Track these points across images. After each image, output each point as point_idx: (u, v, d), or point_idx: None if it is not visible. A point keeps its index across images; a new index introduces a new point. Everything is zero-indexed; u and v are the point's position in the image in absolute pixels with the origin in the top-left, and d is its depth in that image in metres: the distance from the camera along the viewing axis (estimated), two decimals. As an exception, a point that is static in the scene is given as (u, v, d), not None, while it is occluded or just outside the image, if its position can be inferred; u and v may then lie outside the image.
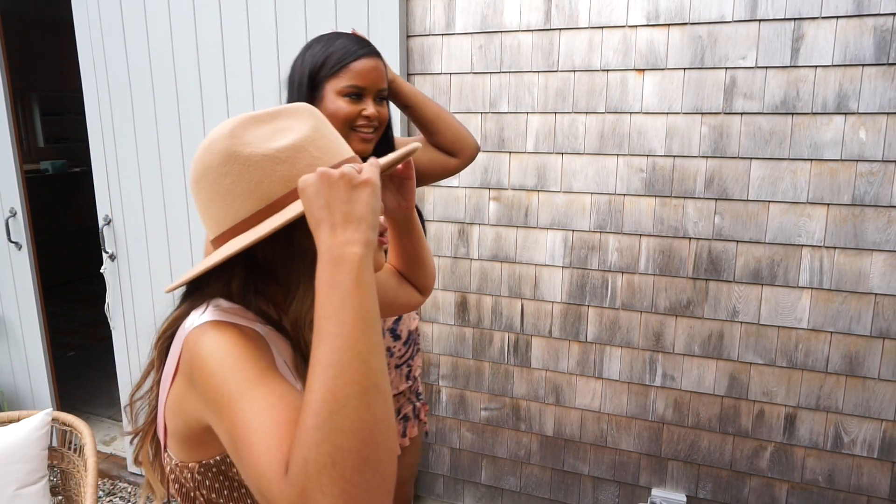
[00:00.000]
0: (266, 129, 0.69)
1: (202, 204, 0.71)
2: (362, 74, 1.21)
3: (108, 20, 2.36)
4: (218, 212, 0.69)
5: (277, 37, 2.13)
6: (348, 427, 0.51)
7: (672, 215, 1.92)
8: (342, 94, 1.22)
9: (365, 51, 1.23)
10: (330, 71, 1.22)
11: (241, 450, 0.57)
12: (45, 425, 1.72)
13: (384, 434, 0.53)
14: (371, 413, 0.52)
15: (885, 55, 1.66)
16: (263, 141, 0.68)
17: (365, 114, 1.23)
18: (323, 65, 1.22)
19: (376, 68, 1.23)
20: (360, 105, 1.22)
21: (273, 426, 0.56)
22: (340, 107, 1.22)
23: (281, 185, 0.67)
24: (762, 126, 1.79)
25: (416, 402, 1.48)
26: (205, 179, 0.69)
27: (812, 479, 1.91)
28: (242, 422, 0.58)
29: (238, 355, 0.62)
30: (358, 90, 1.22)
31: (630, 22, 1.86)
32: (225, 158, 0.67)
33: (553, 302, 2.10)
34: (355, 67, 1.21)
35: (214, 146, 0.68)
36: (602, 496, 2.17)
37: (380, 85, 1.24)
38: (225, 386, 0.60)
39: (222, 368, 0.61)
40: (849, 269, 1.78)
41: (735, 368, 1.93)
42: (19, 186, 2.69)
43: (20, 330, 2.87)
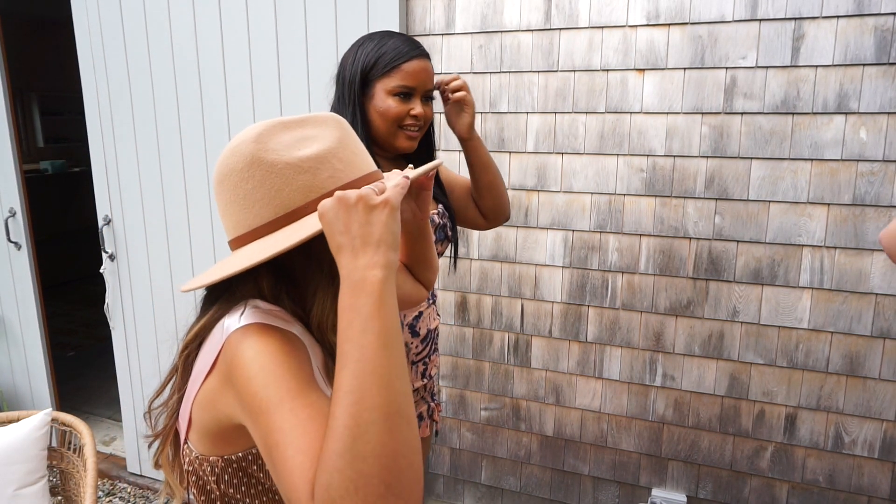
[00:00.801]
0: (292, 136, 0.69)
1: (223, 205, 0.72)
2: (413, 75, 1.25)
3: (108, 20, 2.36)
4: (237, 214, 0.70)
5: (277, 37, 2.13)
6: (370, 453, 0.51)
7: (672, 215, 1.92)
8: (392, 94, 1.25)
9: (416, 52, 1.27)
10: (382, 70, 1.25)
11: (275, 459, 0.58)
12: (45, 425, 1.72)
13: (408, 459, 0.53)
14: (394, 438, 0.52)
15: (886, 55, 1.66)
16: (288, 149, 0.68)
17: (413, 113, 1.26)
18: (375, 64, 1.25)
19: (426, 69, 1.27)
20: (408, 105, 1.26)
21: (308, 441, 0.56)
22: (391, 106, 1.25)
23: (301, 194, 0.68)
24: (762, 126, 1.79)
25: (430, 402, 1.49)
26: (227, 181, 0.70)
27: (812, 479, 1.91)
28: (279, 432, 0.58)
29: (280, 363, 0.63)
30: (408, 90, 1.25)
31: (630, 22, 1.86)
32: (248, 163, 0.68)
33: (553, 302, 2.10)
34: (406, 68, 1.24)
35: (240, 150, 0.69)
36: (602, 496, 2.17)
37: (428, 85, 1.29)
38: (264, 392, 0.61)
39: (263, 374, 0.62)
40: (849, 269, 1.77)
41: (735, 368, 1.93)
42: (19, 186, 2.69)
43: (20, 330, 2.86)
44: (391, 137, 1.28)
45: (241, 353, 0.64)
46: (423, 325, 1.35)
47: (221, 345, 0.67)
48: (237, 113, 2.24)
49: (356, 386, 0.53)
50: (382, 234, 0.59)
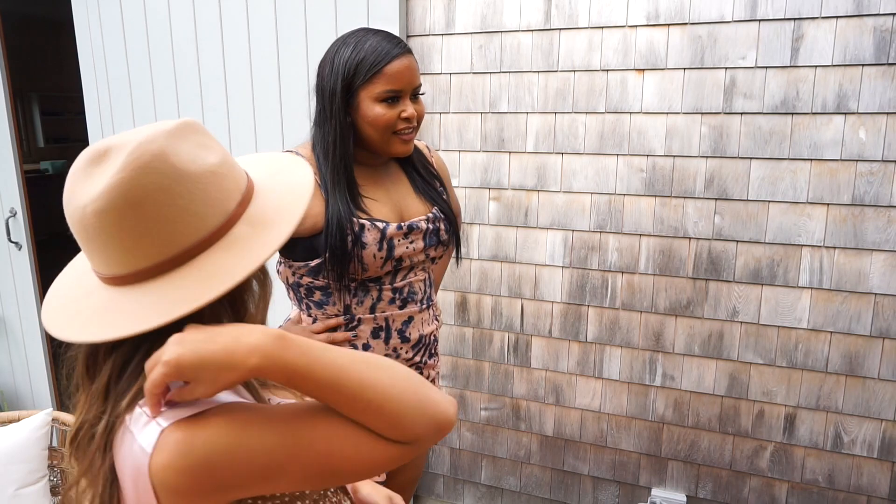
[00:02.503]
0: (188, 145, 0.63)
1: (138, 233, 0.61)
2: (397, 77, 1.18)
3: (108, 20, 2.36)
4: (166, 233, 0.61)
5: (277, 37, 2.13)
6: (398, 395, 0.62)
7: (672, 215, 1.92)
8: (379, 100, 1.19)
9: (396, 51, 1.19)
10: (364, 77, 1.18)
11: (342, 467, 0.62)
12: (46, 425, 1.72)
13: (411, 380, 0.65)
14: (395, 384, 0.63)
15: (885, 55, 1.66)
16: (194, 159, 0.62)
17: (404, 115, 1.20)
18: (356, 71, 1.18)
19: (409, 67, 1.20)
20: (398, 107, 1.20)
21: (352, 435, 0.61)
22: (379, 113, 1.19)
23: (232, 194, 0.64)
24: (762, 126, 1.79)
25: None
26: (151, 202, 0.60)
27: (812, 479, 1.91)
28: (324, 454, 0.61)
29: (247, 435, 0.58)
30: (395, 93, 1.19)
31: (630, 22, 1.86)
32: (174, 180, 0.60)
33: (553, 302, 2.10)
34: (389, 71, 1.17)
35: (155, 168, 0.60)
36: (602, 496, 2.17)
37: (415, 83, 1.22)
38: (270, 457, 0.58)
39: (248, 453, 0.58)
40: (849, 268, 1.78)
41: (735, 368, 1.93)
42: (19, 186, 2.69)
43: (20, 330, 2.87)
44: (386, 145, 1.23)
45: (200, 461, 0.56)
46: (415, 330, 1.31)
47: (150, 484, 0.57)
48: (237, 113, 2.24)
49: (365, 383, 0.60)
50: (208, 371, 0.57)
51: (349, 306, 1.26)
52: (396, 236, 1.24)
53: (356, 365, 0.62)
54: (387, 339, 1.28)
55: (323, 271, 1.23)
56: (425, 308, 1.34)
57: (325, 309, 1.27)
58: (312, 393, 0.60)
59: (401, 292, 1.29)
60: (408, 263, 1.28)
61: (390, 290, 1.28)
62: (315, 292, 1.27)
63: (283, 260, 1.30)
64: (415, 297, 1.31)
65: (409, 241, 1.26)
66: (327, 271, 1.22)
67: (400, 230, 1.24)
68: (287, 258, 1.28)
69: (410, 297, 1.30)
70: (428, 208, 1.33)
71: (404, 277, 1.30)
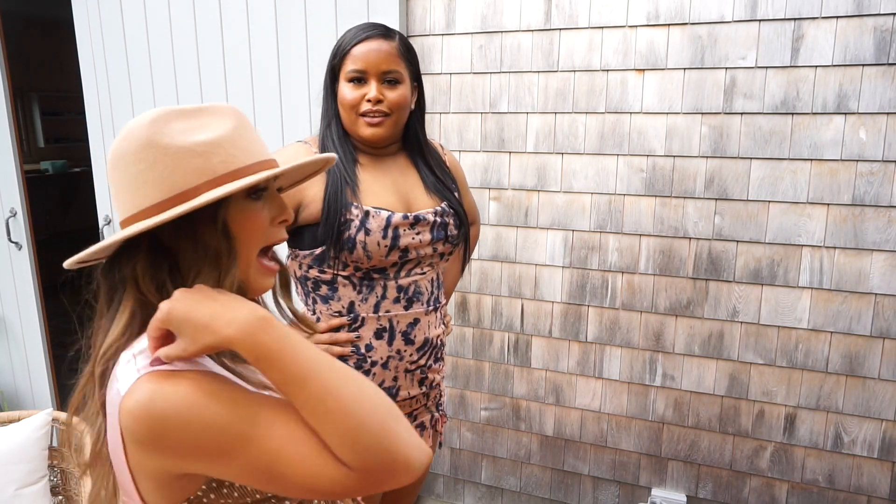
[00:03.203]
0: (186, 123, 0.69)
1: (114, 188, 0.71)
2: (362, 57, 1.21)
3: (108, 20, 2.36)
4: (127, 196, 0.69)
5: (277, 37, 2.13)
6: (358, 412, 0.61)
7: (672, 215, 1.92)
8: (347, 80, 1.23)
9: (367, 34, 1.22)
10: (339, 60, 1.24)
11: (286, 473, 0.61)
12: (46, 425, 1.72)
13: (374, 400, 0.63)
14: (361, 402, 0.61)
15: (885, 55, 1.66)
16: (182, 134, 0.68)
17: (367, 97, 1.21)
18: (335, 56, 1.25)
19: (378, 49, 1.21)
20: (363, 88, 1.22)
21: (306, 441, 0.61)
22: (345, 93, 1.23)
23: (192, 177, 0.67)
24: (762, 126, 1.79)
25: (435, 413, 1.43)
26: (120, 163, 0.69)
27: (812, 479, 1.91)
28: (273, 452, 0.61)
29: (207, 405, 0.61)
30: (359, 73, 1.21)
31: (630, 22, 1.86)
32: (142, 145, 0.67)
33: (553, 302, 2.10)
34: (356, 51, 1.21)
35: (133, 133, 0.68)
36: (602, 496, 2.17)
37: (381, 67, 1.22)
38: (222, 436, 0.61)
39: (203, 418, 0.60)
40: (849, 269, 1.78)
41: (735, 368, 1.93)
42: (19, 186, 2.69)
43: (20, 330, 2.87)
44: (354, 127, 1.25)
45: (158, 417, 0.60)
46: (420, 332, 1.29)
47: (117, 415, 0.63)
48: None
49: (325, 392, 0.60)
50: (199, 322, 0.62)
51: (353, 303, 1.25)
52: (402, 225, 1.23)
53: (329, 371, 0.62)
54: (390, 340, 1.27)
55: (327, 260, 1.23)
56: (432, 310, 1.32)
57: (331, 304, 1.26)
58: (277, 382, 0.62)
59: (406, 291, 1.27)
60: (414, 256, 1.26)
61: (395, 288, 1.26)
62: (321, 286, 1.27)
63: (291, 251, 1.30)
64: (421, 297, 1.29)
65: (415, 231, 1.25)
66: (331, 259, 1.22)
67: (406, 220, 1.24)
68: (294, 248, 1.28)
69: (416, 296, 1.28)
70: (437, 202, 1.32)
71: (409, 273, 1.27)
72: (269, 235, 0.73)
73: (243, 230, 0.71)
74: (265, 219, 0.73)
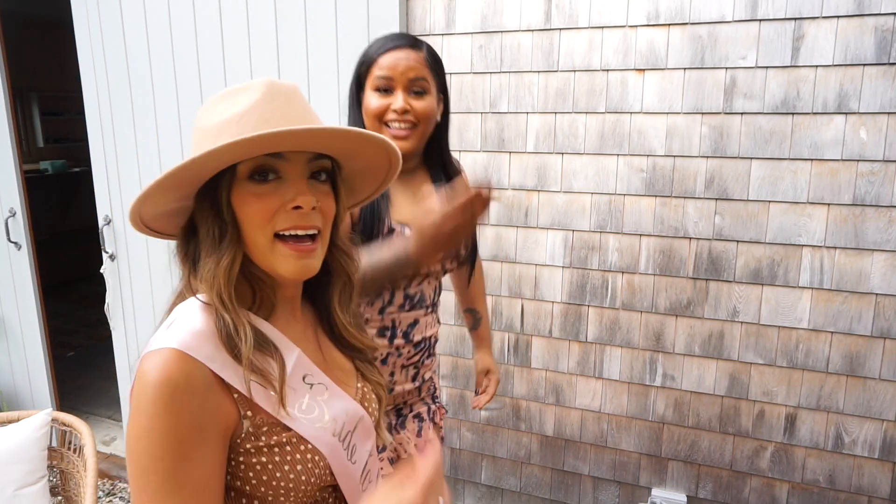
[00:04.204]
0: (223, 104, 0.72)
1: None
2: (388, 66, 1.19)
3: (108, 20, 2.36)
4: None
5: (277, 36, 2.13)
6: None
7: (672, 215, 1.92)
8: (373, 89, 1.21)
9: (395, 43, 1.21)
10: (366, 68, 1.22)
11: None
12: (45, 425, 1.72)
13: None
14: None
15: (886, 55, 1.66)
16: (212, 115, 0.72)
17: (393, 107, 1.19)
18: (362, 64, 1.23)
19: (406, 58, 1.20)
20: (388, 98, 1.20)
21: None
22: (371, 102, 1.21)
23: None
24: (762, 126, 1.79)
25: (431, 405, 1.47)
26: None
27: (813, 479, 1.91)
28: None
29: (155, 444, 0.62)
30: (386, 82, 1.19)
31: (630, 22, 1.86)
32: (192, 130, 0.74)
33: (553, 302, 2.10)
34: (383, 60, 1.19)
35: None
36: (602, 496, 2.17)
37: (408, 75, 1.19)
38: (131, 478, 0.64)
39: (137, 453, 0.63)
40: (849, 269, 1.77)
41: (735, 368, 1.93)
42: (19, 186, 2.69)
43: (20, 330, 2.86)
44: None
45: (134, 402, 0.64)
46: (418, 333, 1.33)
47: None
48: (237, 113, 2.24)
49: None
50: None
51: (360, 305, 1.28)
52: None
53: None
54: (391, 338, 1.30)
55: None
56: (430, 311, 1.37)
57: None
58: None
59: (412, 298, 1.31)
60: (425, 271, 1.30)
61: (402, 296, 1.29)
62: None
63: None
64: (424, 302, 1.33)
65: None
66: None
67: None
68: None
69: (420, 303, 1.32)
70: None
71: (419, 284, 1.31)
72: (277, 221, 0.70)
73: (245, 214, 0.70)
74: (271, 203, 0.70)
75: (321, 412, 0.75)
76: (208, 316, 0.69)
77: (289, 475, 0.71)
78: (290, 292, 0.80)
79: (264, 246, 0.71)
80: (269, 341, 0.73)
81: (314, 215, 0.72)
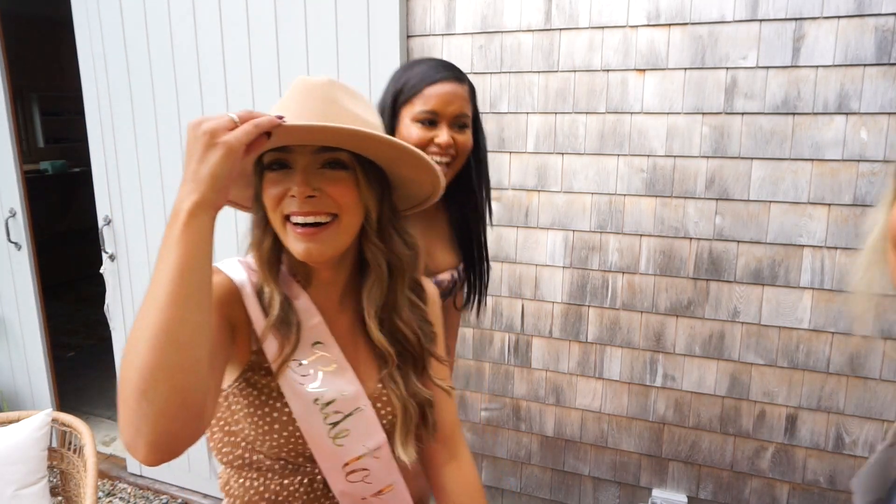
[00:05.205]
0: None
1: None
2: (435, 99, 1.16)
3: (108, 20, 2.36)
4: None
5: (277, 37, 2.13)
6: (131, 364, 0.60)
7: (673, 215, 1.92)
8: (416, 120, 1.17)
9: (442, 75, 1.18)
10: (407, 96, 1.18)
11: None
12: (45, 426, 1.72)
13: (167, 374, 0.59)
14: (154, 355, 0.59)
15: (887, 55, 1.65)
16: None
17: (437, 141, 1.16)
18: (401, 90, 1.19)
19: (453, 93, 1.17)
20: (432, 131, 1.17)
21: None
22: (412, 133, 1.17)
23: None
24: (763, 126, 1.79)
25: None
26: None
27: (813, 479, 1.91)
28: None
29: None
30: (431, 115, 1.17)
31: (630, 22, 1.86)
32: None
33: (553, 302, 2.10)
34: (428, 92, 1.16)
35: None
36: (602, 497, 2.17)
37: (455, 111, 1.18)
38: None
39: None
40: (850, 269, 1.77)
41: (736, 369, 1.93)
42: (19, 186, 2.69)
43: (20, 330, 2.86)
44: None
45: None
46: None
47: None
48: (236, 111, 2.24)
49: (141, 306, 0.61)
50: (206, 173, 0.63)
51: None
52: None
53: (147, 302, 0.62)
54: None
55: None
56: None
57: None
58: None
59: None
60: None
61: None
62: None
63: None
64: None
65: None
66: None
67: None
68: None
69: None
70: (456, 261, 1.28)
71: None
72: (284, 206, 0.79)
73: (265, 199, 0.80)
74: (279, 190, 0.78)
75: (315, 378, 0.82)
76: (245, 270, 0.84)
77: (266, 417, 0.81)
78: (325, 275, 0.87)
79: (279, 227, 0.80)
80: (296, 311, 0.83)
81: (318, 202, 0.78)
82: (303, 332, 0.83)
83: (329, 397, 0.82)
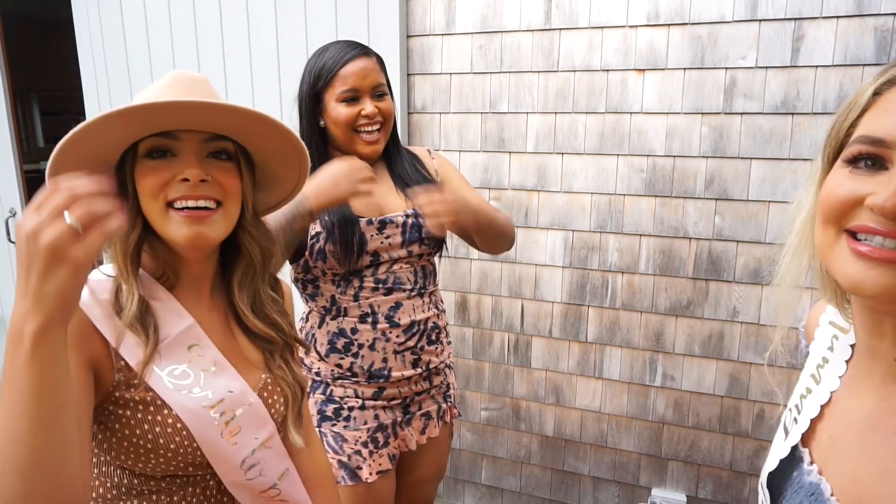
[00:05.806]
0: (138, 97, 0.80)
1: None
2: (351, 77, 1.28)
3: (108, 20, 2.36)
4: None
5: (277, 37, 2.13)
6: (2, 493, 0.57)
7: (672, 215, 1.92)
8: (340, 100, 1.29)
9: (352, 53, 1.29)
10: (325, 82, 1.29)
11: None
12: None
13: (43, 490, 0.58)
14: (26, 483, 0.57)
15: (886, 55, 1.65)
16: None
17: (364, 113, 1.28)
18: (318, 77, 1.30)
19: (365, 67, 1.29)
20: (357, 106, 1.29)
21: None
22: (340, 112, 1.29)
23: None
24: (762, 126, 1.79)
25: (442, 403, 1.48)
26: None
27: (812, 479, 1.91)
28: None
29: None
30: (352, 93, 1.28)
31: (630, 22, 1.86)
32: None
33: (553, 302, 2.10)
34: (344, 72, 1.28)
35: None
36: (602, 496, 2.17)
37: (372, 83, 1.30)
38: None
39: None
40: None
41: (735, 368, 1.93)
42: (19, 186, 2.70)
43: (20, 330, 2.86)
44: (350, 144, 1.31)
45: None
46: (405, 315, 1.34)
47: None
48: (237, 113, 2.24)
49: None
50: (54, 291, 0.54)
51: (334, 296, 1.33)
52: (368, 231, 1.30)
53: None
54: (374, 323, 1.33)
55: (311, 270, 1.32)
56: (416, 295, 1.37)
57: (317, 300, 1.36)
58: None
59: (385, 282, 1.33)
60: (387, 258, 1.32)
61: (372, 280, 1.33)
62: (308, 286, 1.37)
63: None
64: (402, 285, 1.35)
65: (384, 235, 1.31)
66: (312, 269, 1.31)
67: (371, 225, 1.30)
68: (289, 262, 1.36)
69: (397, 285, 1.34)
70: (408, 205, 1.36)
71: (387, 270, 1.33)
72: (168, 191, 0.76)
73: (141, 186, 0.77)
74: (163, 176, 0.76)
75: (196, 382, 0.80)
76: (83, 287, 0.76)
77: (147, 435, 0.76)
78: (196, 269, 0.84)
79: (158, 215, 0.77)
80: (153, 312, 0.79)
81: (208, 188, 0.77)
82: (175, 336, 0.80)
83: (216, 398, 0.80)
